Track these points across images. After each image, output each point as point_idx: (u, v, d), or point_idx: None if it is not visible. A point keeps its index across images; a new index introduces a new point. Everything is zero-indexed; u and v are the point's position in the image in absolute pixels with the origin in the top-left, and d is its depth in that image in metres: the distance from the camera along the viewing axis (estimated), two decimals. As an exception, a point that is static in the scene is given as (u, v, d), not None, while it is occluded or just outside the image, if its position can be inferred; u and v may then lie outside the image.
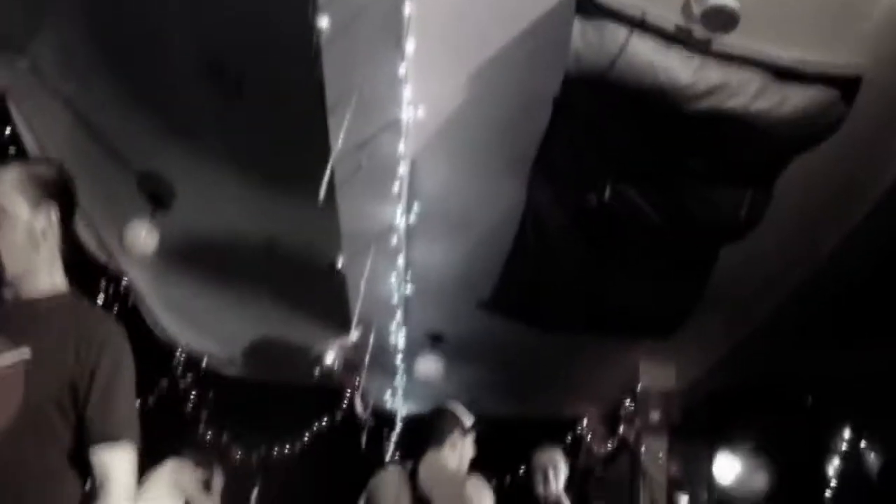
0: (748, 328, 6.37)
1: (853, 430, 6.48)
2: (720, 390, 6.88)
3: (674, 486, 7.18)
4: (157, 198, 6.14)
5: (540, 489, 5.64)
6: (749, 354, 6.60)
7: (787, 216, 4.86)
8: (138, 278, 7.56)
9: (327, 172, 3.90)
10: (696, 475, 7.15)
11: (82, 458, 2.34)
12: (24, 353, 2.27)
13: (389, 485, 4.62)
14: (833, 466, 6.54)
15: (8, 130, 5.64)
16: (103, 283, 7.35)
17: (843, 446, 6.54)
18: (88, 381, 2.33)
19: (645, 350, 7.21)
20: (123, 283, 7.52)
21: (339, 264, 5.16)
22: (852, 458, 6.46)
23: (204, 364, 9.18)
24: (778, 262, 5.47)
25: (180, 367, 9.02)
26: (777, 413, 6.25)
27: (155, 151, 5.65)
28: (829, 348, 6.07)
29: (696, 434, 7.26)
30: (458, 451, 4.70)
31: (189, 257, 7.00)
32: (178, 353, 9.05)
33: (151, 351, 8.69)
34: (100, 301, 7.28)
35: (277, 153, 4.98)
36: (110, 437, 2.35)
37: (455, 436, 4.70)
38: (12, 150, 5.62)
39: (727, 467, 6.52)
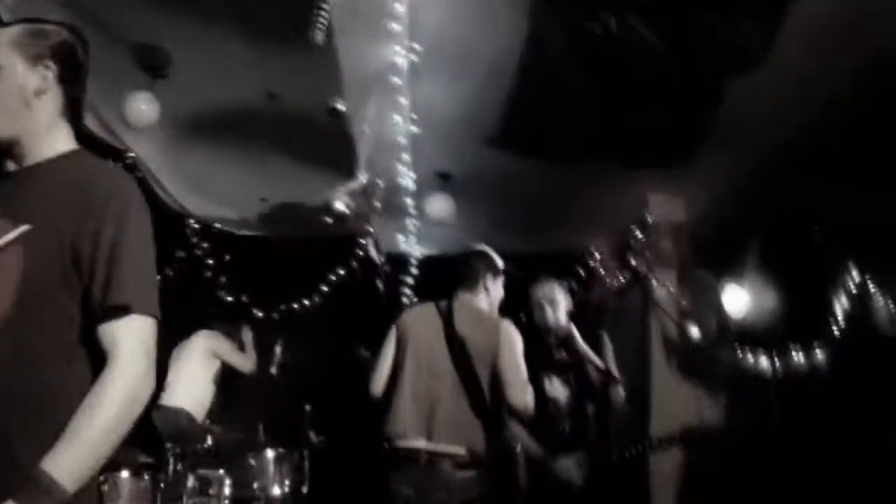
0: (756, 162, 6.34)
1: (860, 272, 6.52)
2: (728, 222, 6.88)
3: (684, 317, 7.29)
4: (153, 68, 6.03)
5: (543, 322, 5.77)
6: (757, 188, 6.59)
7: (798, 50, 4.82)
8: (143, 151, 7.57)
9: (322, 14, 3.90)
10: (705, 307, 7.20)
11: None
12: (20, 229, 2.18)
13: (424, 320, 4.78)
14: (841, 305, 6.59)
15: None
16: (110, 162, 7.36)
17: (852, 287, 6.57)
18: (91, 246, 2.19)
19: (654, 183, 7.21)
20: (128, 158, 7.54)
21: (339, 106, 5.13)
22: (861, 301, 6.50)
23: (217, 228, 9.29)
24: (788, 97, 5.41)
25: (195, 236, 9.11)
26: (785, 246, 6.29)
27: (146, 22, 5.52)
28: (838, 187, 6.07)
29: (705, 266, 7.29)
30: (491, 294, 4.84)
31: (192, 123, 6.94)
32: (191, 222, 9.13)
33: (165, 223, 8.76)
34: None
35: (272, 3, 4.89)
36: (118, 310, 2.19)
37: (488, 278, 4.84)
38: None
39: (734, 298, 6.58)
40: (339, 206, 5.51)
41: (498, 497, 4.65)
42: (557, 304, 5.83)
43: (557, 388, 5.67)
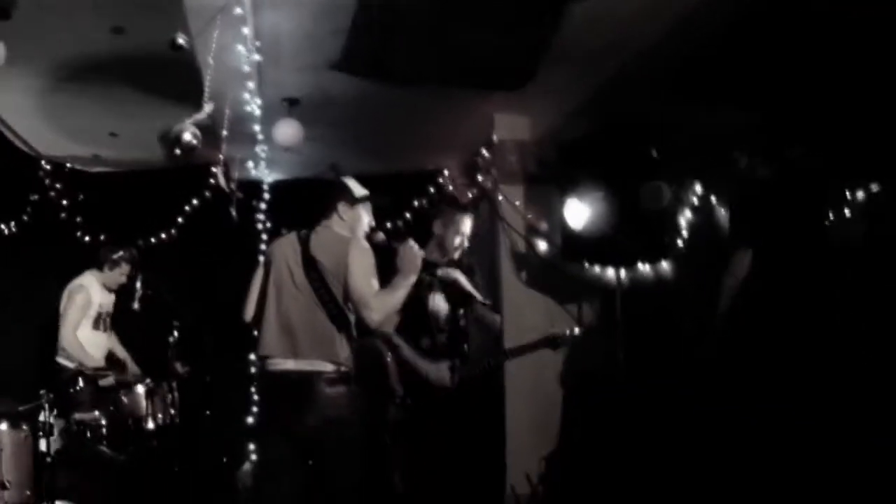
0: (598, 81, 6.68)
1: (701, 185, 6.91)
2: (571, 140, 7.12)
3: (531, 232, 7.69)
4: (-2, 9, 5.99)
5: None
6: (599, 106, 6.97)
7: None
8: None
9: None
10: (550, 222, 7.54)
11: None
12: None
13: (285, 248, 5.01)
14: (684, 217, 6.92)
15: None
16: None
17: (693, 199, 6.89)
18: None
19: (499, 103, 7.44)
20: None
21: (181, 41, 5.20)
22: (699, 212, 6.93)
23: (68, 167, 9.21)
24: (630, 18, 5.71)
25: (48, 177, 9.03)
26: (624, 162, 6.54)
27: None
28: (675, 105, 6.43)
29: (549, 183, 7.56)
30: (349, 221, 5.05)
31: (37, 63, 6.91)
32: (43, 163, 9.04)
33: (17, 165, 8.69)
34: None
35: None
36: None
37: (342, 206, 5.04)
38: None
39: (577, 213, 6.81)
40: (187, 136, 5.56)
41: (370, 408, 4.91)
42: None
43: (439, 304, 5.90)
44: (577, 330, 6.09)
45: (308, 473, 4.76)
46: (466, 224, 6.02)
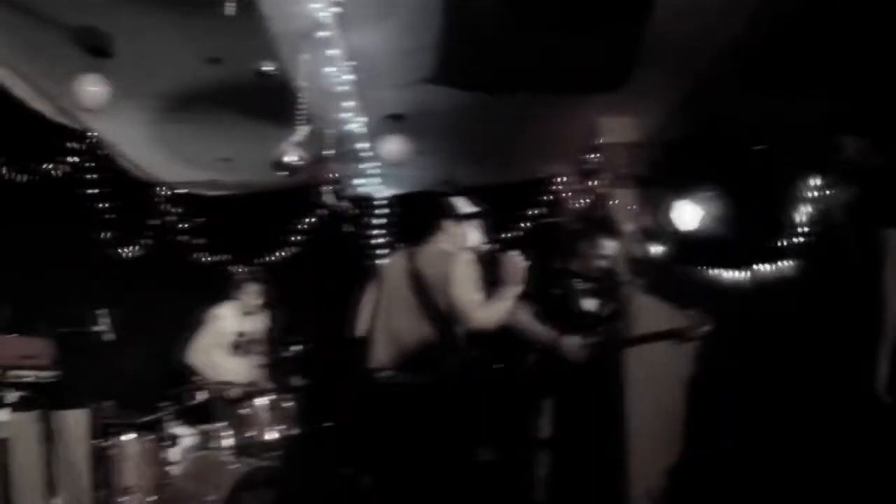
0: (695, 74, 6.48)
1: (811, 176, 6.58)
2: (677, 139, 7.04)
3: (646, 236, 7.47)
4: (97, 49, 6.32)
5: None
6: (699, 101, 6.76)
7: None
8: (103, 129, 7.84)
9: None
10: (662, 224, 7.33)
11: None
12: None
13: (396, 264, 5.12)
14: (800, 212, 6.64)
15: None
16: (74, 145, 7.65)
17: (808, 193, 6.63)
18: None
19: (602, 105, 7.29)
20: (91, 138, 7.82)
21: (266, 68, 5.37)
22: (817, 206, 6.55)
23: (186, 191, 9.65)
24: (717, 6, 5.58)
25: (167, 202, 9.41)
26: (731, 159, 6.37)
27: (83, 7, 5.81)
28: (773, 95, 6.19)
29: (659, 184, 7.39)
30: (455, 237, 5.12)
31: (143, 96, 7.30)
32: (162, 189, 9.43)
33: (138, 193, 9.07)
34: (73, 160, 7.60)
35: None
36: None
37: (448, 223, 5.12)
38: None
39: (688, 214, 6.66)
40: (289, 158, 5.74)
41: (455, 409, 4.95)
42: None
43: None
44: (705, 327, 5.97)
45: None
46: (610, 247, 6.01)
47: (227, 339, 7.62)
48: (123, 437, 5.95)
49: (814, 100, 5.93)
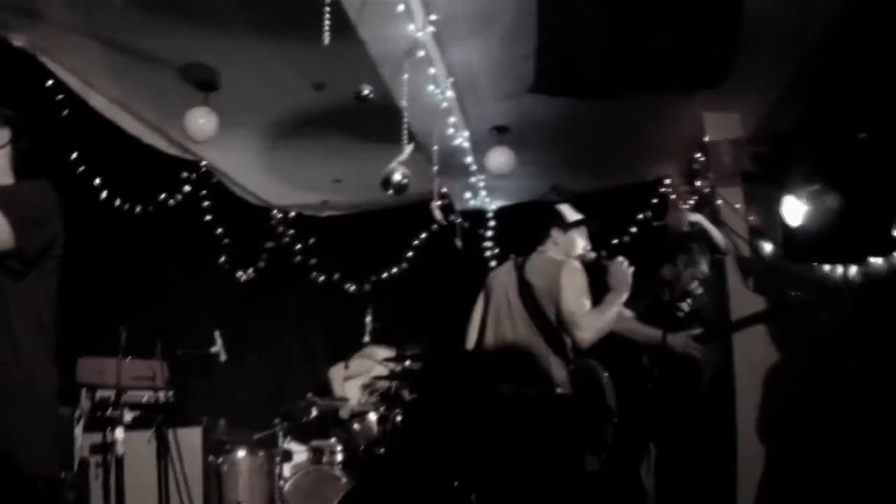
0: (797, 64, 6.27)
1: None
2: (783, 133, 6.82)
3: (754, 234, 7.28)
4: (204, 83, 6.54)
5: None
6: (804, 92, 6.51)
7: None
8: (215, 158, 8.06)
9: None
10: (772, 221, 7.05)
11: None
12: None
13: (503, 276, 5.15)
14: None
15: (51, 82, 6.19)
16: (186, 175, 7.89)
17: None
18: None
19: (706, 102, 7.15)
20: (202, 167, 8.05)
21: (366, 92, 5.45)
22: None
23: (297, 214, 9.88)
24: None
25: (281, 224, 9.63)
26: (839, 151, 6.19)
27: (186, 43, 6.01)
28: (879, 81, 6.00)
29: (766, 180, 7.15)
30: (562, 246, 5.12)
31: (252, 125, 7.52)
32: (273, 212, 9.65)
33: (250, 217, 9.30)
34: (187, 189, 7.84)
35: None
36: None
37: (556, 232, 5.13)
38: (60, 96, 6.14)
39: (796, 209, 6.50)
40: (397, 177, 5.80)
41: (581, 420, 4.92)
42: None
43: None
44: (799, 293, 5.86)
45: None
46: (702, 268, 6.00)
47: (365, 379, 7.76)
48: (236, 454, 6.11)
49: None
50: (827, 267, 6.64)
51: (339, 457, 6.65)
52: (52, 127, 5.99)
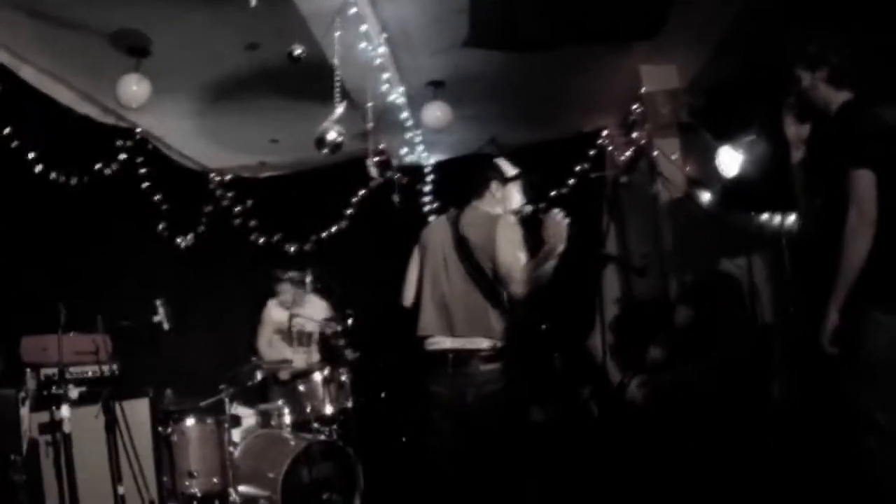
0: (733, 14, 6.33)
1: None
2: (719, 84, 6.87)
3: (691, 184, 7.38)
4: (135, 49, 6.46)
5: None
6: (740, 43, 6.50)
7: None
8: (150, 124, 7.96)
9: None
10: (708, 172, 7.08)
11: None
12: None
13: (438, 230, 5.12)
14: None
15: None
16: (121, 143, 7.79)
17: None
18: None
19: (642, 54, 7.22)
20: (138, 134, 7.94)
21: (299, 51, 5.41)
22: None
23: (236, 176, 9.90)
24: None
25: (219, 188, 9.57)
26: (774, 102, 6.19)
27: (117, 12, 5.93)
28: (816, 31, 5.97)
29: (702, 131, 7.22)
30: (500, 199, 5.10)
31: (185, 89, 7.43)
32: (211, 176, 9.59)
33: (188, 182, 9.22)
34: (123, 157, 7.75)
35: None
36: None
37: (494, 185, 5.10)
38: None
39: (732, 160, 6.52)
40: (331, 135, 5.78)
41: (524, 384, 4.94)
42: None
43: None
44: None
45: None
46: None
47: (270, 329, 7.78)
48: (185, 423, 6.09)
49: (860, 33, 5.74)
50: (764, 216, 6.69)
51: (287, 419, 6.64)
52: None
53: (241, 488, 6.07)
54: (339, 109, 5.81)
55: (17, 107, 6.30)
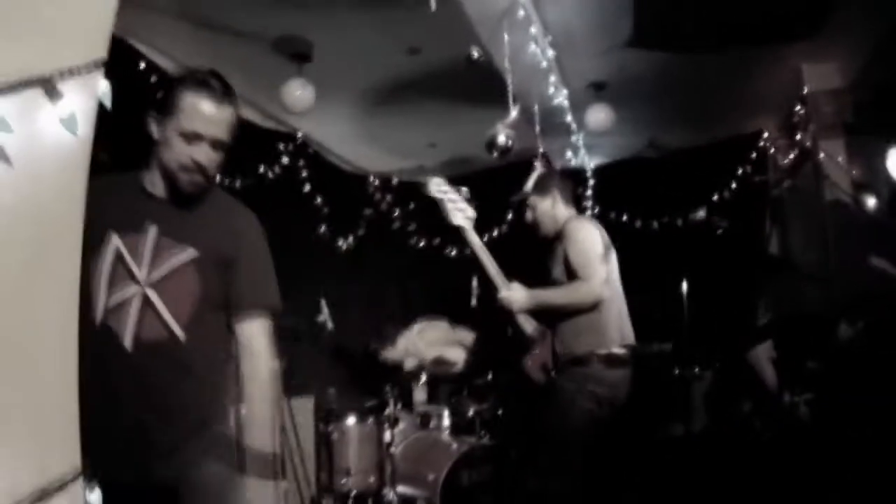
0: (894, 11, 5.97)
1: None
2: (886, 80, 6.54)
3: (858, 188, 7.02)
4: (297, 55, 6.51)
5: None
6: None
7: None
8: (310, 128, 8.08)
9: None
10: (876, 173, 6.80)
11: None
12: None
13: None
14: None
15: (143, 65, 6.15)
16: (282, 146, 7.93)
17: None
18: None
19: (804, 52, 6.95)
20: (299, 138, 8.07)
21: (476, 54, 5.39)
22: None
23: (396, 180, 9.90)
24: None
25: (378, 191, 9.66)
26: None
27: (282, 17, 5.99)
28: None
29: (869, 131, 6.92)
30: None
31: (346, 93, 7.47)
32: (370, 179, 9.69)
33: (348, 186, 9.34)
34: (285, 161, 7.89)
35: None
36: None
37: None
38: (154, 77, 6.09)
39: None
40: (501, 139, 5.76)
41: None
42: None
43: None
44: None
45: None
46: None
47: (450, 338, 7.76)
48: (346, 421, 6.14)
49: None
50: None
51: (447, 422, 6.64)
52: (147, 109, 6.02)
53: (399, 489, 6.09)
54: (514, 113, 5.78)
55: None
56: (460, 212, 4.98)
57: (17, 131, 1.89)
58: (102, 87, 2.12)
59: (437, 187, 5.13)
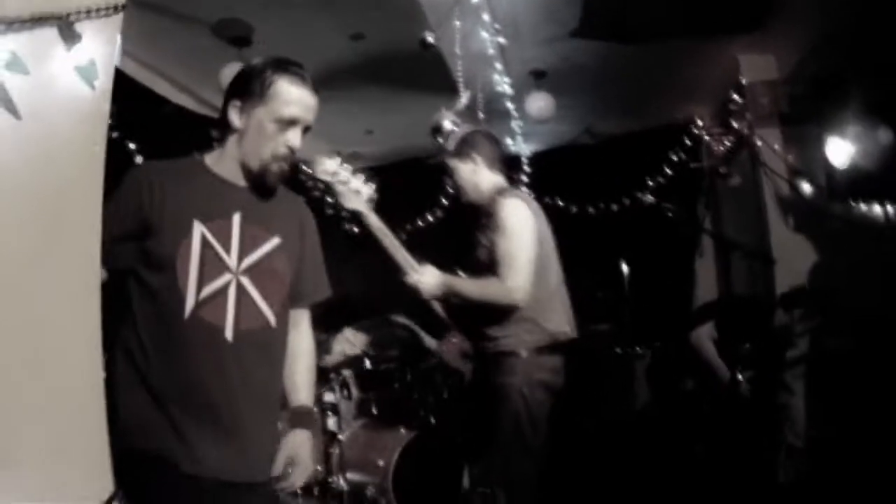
0: (834, 11, 5.99)
1: None
2: (823, 73, 6.53)
3: (794, 175, 7.14)
4: (237, 39, 6.34)
5: None
6: (846, 33, 6.15)
7: None
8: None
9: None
10: (811, 162, 6.92)
11: None
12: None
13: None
14: None
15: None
16: (215, 133, 7.72)
17: None
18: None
19: (742, 44, 7.08)
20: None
21: (431, 39, 5.30)
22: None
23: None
24: None
25: (310, 180, 9.47)
26: (883, 91, 5.99)
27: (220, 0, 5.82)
28: None
29: (805, 121, 6.96)
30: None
31: None
32: (303, 167, 9.49)
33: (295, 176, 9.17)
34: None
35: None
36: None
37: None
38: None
39: (840, 150, 6.33)
40: (447, 124, 5.65)
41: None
42: None
43: None
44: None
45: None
46: None
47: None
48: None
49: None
50: (865, 207, 6.47)
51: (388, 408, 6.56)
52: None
53: (349, 475, 5.95)
54: (463, 99, 5.70)
55: (119, 102, 6.24)
56: (355, 194, 4.53)
57: (31, 76, 1.71)
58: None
59: (324, 168, 4.65)
